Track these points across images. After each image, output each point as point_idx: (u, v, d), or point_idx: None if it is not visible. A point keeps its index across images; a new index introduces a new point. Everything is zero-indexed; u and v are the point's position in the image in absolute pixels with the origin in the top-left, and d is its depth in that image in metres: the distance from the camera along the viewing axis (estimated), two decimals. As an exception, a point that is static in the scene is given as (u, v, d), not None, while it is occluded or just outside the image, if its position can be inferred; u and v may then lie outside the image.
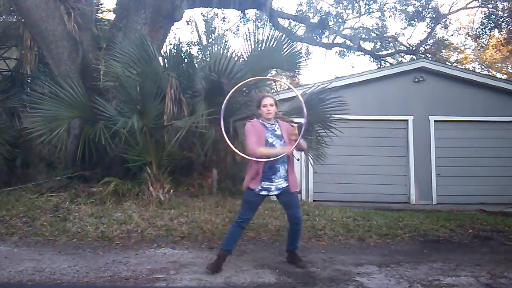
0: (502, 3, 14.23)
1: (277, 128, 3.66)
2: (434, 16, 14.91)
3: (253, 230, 4.88)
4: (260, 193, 3.55)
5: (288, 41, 6.58)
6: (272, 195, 3.62)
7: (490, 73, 20.17)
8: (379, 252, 4.35)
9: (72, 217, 5.08)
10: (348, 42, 15.35)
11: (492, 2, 14.57)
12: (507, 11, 14.20)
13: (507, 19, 14.53)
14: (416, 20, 15.20)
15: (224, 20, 16.16)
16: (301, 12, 15.24)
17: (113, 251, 4.18)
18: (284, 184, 3.56)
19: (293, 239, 3.77)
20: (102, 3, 13.96)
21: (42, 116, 5.83)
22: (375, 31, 16.37)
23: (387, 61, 17.00)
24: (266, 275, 3.47)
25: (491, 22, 14.85)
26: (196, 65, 6.35)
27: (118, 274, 3.46)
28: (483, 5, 15.29)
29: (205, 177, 6.57)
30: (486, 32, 15.58)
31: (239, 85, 4.03)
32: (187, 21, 16.46)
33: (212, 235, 4.73)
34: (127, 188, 5.80)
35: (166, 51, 6.73)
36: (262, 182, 3.53)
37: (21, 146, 7.25)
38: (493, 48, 18.26)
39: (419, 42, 16.61)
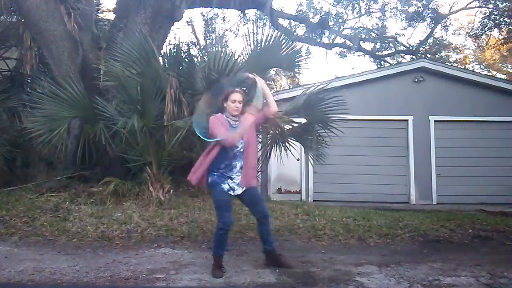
0: (502, 3, 14.23)
1: (240, 123, 3.49)
2: (434, 16, 14.92)
3: (253, 230, 4.87)
4: (229, 192, 3.42)
5: (288, 41, 6.58)
6: (236, 194, 3.46)
7: (490, 73, 20.17)
8: (379, 252, 4.34)
9: (72, 217, 5.08)
10: (348, 42, 15.36)
11: (493, 2, 14.57)
12: (507, 11, 14.20)
13: (506, 19, 14.54)
14: (416, 20, 15.21)
15: (224, 20, 16.22)
16: (301, 12, 15.25)
17: (113, 251, 4.18)
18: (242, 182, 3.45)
19: (265, 236, 3.59)
20: (102, 3, 13.96)
21: (42, 116, 5.83)
22: (375, 31, 16.38)
23: (387, 61, 17.01)
24: (266, 275, 3.47)
25: (491, 22, 14.86)
26: (197, 65, 6.35)
27: (118, 274, 3.45)
28: (483, 5, 15.30)
29: (205, 177, 6.56)
30: (486, 32, 15.60)
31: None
32: (187, 22, 16.49)
33: (212, 235, 4.71)
34: (127, 188, 5.80)
35: (166, 51, 6.73)
36: (227, 180, 3.41)
37: (21, 146, 7.26)
38: (492, 48, 18.27)
39: (419, 42, 16.63)
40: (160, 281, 3.29)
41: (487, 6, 15.03)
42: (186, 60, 6.42)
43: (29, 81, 8.29)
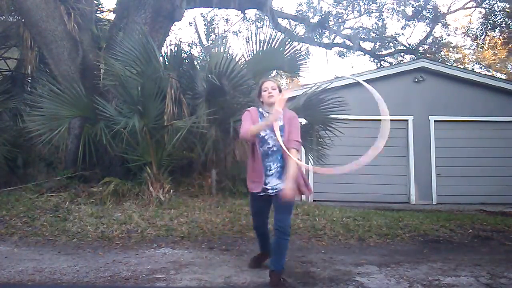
0: (500, 4, 14.26)
1: (280, 118, 3.11)
2: (433, 15, 14.92)
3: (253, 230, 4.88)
4: (259, 194, 3.17)
5: (289, 42, 6.57)
6: (269, 195, 3.18)
7: (490, 73, 20.17)
8: (379, 252, 4.35)
9: (72, 217, 5.09)
10: (348, 42, 15.36)
11: (489, 2, 14.61)
12: (505, 11, 14.21)
13: (505, 19, 14.55)
14: (415, 19, 15.21)
15: (227, 21, 16.24)
16: (301, 12, 15.25)
17: (113, 251, 4.18)
18: (282, 186, 3.06)
19: (273, 250, 3.16)
20: (102, 3, 13.94)
21: (42, 116, 5.84)
22: (375, 31, 16.37)
23: (387, 61, 17.01)
24: (266, 275, 3.46)
25: (490, 23, 14.87)
26: (197, 65, 6.35)
27: (118, 274, 3.46)
28: (479, 5, 15.30)
29: (205, 177, 6.57)
30: (485, 32, 15.60)
31: None
32: (190, 23, 16.54)
33: (212, 235, 4.74)
34: (127, 188, 5.81)
35: (167, 52, 6.74)
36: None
37: (22, 146, 7.25)
38: (491, 49, 18.28)
39: (418, 41, 16.64)
40: (160, 281, 3.29)
41: (481, 6, 15.02)
42: (187, 60, 6.42)
43: (30, 81, 8.29)
